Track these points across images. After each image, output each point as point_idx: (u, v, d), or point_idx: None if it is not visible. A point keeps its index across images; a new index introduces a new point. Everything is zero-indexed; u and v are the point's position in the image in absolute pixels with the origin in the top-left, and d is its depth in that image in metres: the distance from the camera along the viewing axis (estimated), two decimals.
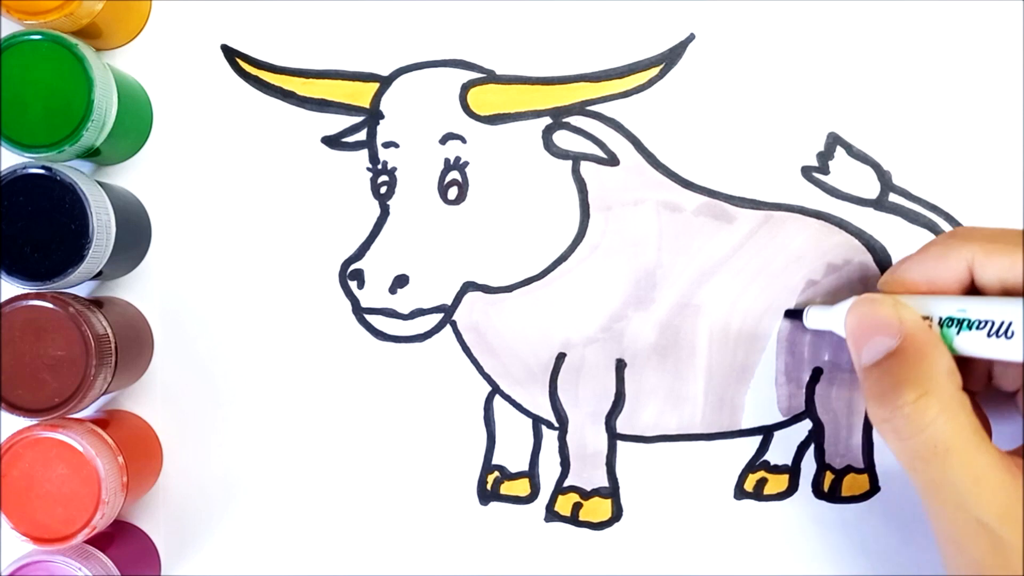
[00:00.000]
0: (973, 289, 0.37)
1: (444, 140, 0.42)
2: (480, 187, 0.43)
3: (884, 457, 0.43)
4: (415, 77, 0.43)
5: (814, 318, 0.41)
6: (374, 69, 0.43)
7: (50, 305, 0.38)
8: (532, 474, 0.44)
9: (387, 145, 0.43)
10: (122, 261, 0.42)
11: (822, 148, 0.43)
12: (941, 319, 0.36)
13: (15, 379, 0.38)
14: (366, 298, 0.43)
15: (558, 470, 0.44)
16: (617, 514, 0.44)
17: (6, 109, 0.38)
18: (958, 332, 0.35)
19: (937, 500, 0.34)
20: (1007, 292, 0.36)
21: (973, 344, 0.35)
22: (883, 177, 0.43)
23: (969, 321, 0.35)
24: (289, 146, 0.43)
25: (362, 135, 0.43)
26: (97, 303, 0.41)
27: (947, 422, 0.33)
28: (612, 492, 0.43)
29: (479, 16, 0.43)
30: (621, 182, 0.43)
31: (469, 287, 0.43)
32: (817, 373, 0.43)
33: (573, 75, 0.43)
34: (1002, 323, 0.34)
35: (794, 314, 0.42)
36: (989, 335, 0.34)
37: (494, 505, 0.44)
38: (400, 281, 0.42)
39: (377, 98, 0.43)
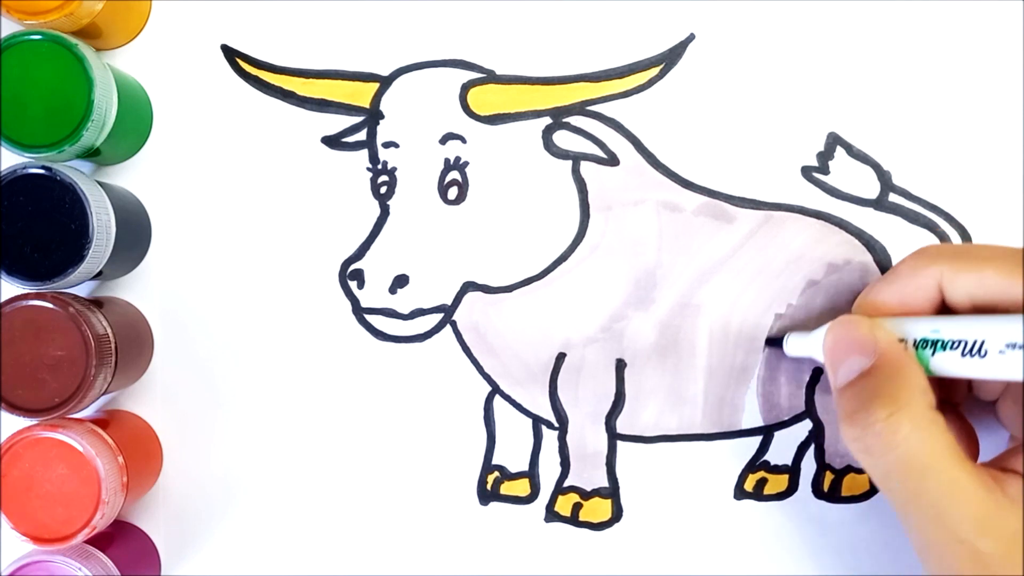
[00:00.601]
0: (946, 307, 0.37)
1: (444, 140, 0.42)
2: (480, 187, 0.43)
3: None
4: (415, 77, 0.43)
5: (794, 345, 0.41)
6: (374, 69, 0.43)
7: (50, 305, 0.38)
8: (532, 474, 0.44)
9: (387, 145, 0.43)
10: (122, 261, 0.42)
11: (822, 148, 0.43)
12: (916, 340, 0.36)
13: (15, 379, 0.38)
14: (366, 298, 0.43)
15: (558, 470, 0.44)
16: (617, 514, 0.44)
17: (6, 109, 0.38)
18: (933, 353, 0.35)
19: (915, 516, 0.34)
20: (978, 308, 0.35)
21: (949, 364, 0.35)
22: (883, 177, 0.43)
23: (943, 342, 0.35)
24: (289, 146, 0.43)
25: (362, 135, 0.43)
26: (97, 303, 0.41)
27: (921, 440, 0.33)
28: (612, 492, 0.43)
29: (479, 16, 0.43)
30: (621, 182, 0.43)
31: (469, 287, 0.43)
32: (817, 373, 0.43)
33: (573, 75, 0.43)
34: (975, 342, 0.34)
35: (775, 342, 0.42)
36: (963, 355, 0.34)
37: (494, 505, 0.44)
38: (400, 281, 0.42)
39: (377, 98, 0.43)
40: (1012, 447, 0.37)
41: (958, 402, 0.39)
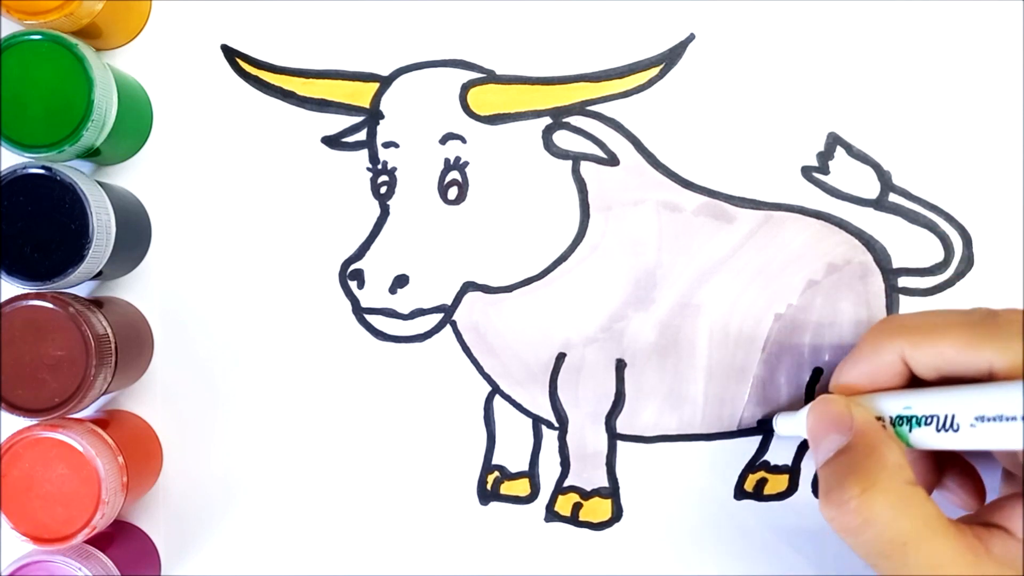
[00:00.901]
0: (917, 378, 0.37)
1: (444, 140, 0.42)
2: (480, 187, 0.43)
3: None
4: (415, 77, 0.43)
5: (783, 425, 0.41)
6: (374, 69, 0.43)
7: (50, 305, 0.38)
8: (532, 474, 0.44)
9: (387, 145, 0.43)
10: (122, 261, 0.42)
11: (822, 148, 0.43)
12: (892, 418, 0.36)
13: (15, 379, 0.38)
14: (366, 298, 0.43)
15: (558, 470, 0.44)
16: (617, 514, 0.44)
17: (6, 109, 0.38)
18: (910, 429, 0.35)
19: None
20: (944, 379, 0.35)
21: (927, 439, 0.35)
22: (883, 177, 0.43)
23: (917, 418, 0.35)
24: (289, 146, 0.43)
25: (362, 135, 0.43)
26: (97, 303, 0.41)
27: (896, 516, 0.33)
28: (612, 492, 0.43)
29: (479, 16, 0.43)
30: (621, 182, 0.43)
31: (469, 287, 0.43)
32: (817, 373, 0.43)
33: (573, 75, 0.43)
34: (946, 417, 0.34)
35: (765, 424, 0.43)
36: (937, 430, 0.34)
37: (494, 505, 0.44)
38: (400, 281, 0.42)
39: (377, 98, 0.43)
40: (999, 498, 0.37)
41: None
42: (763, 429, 0.43)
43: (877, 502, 0.34)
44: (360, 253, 0.43)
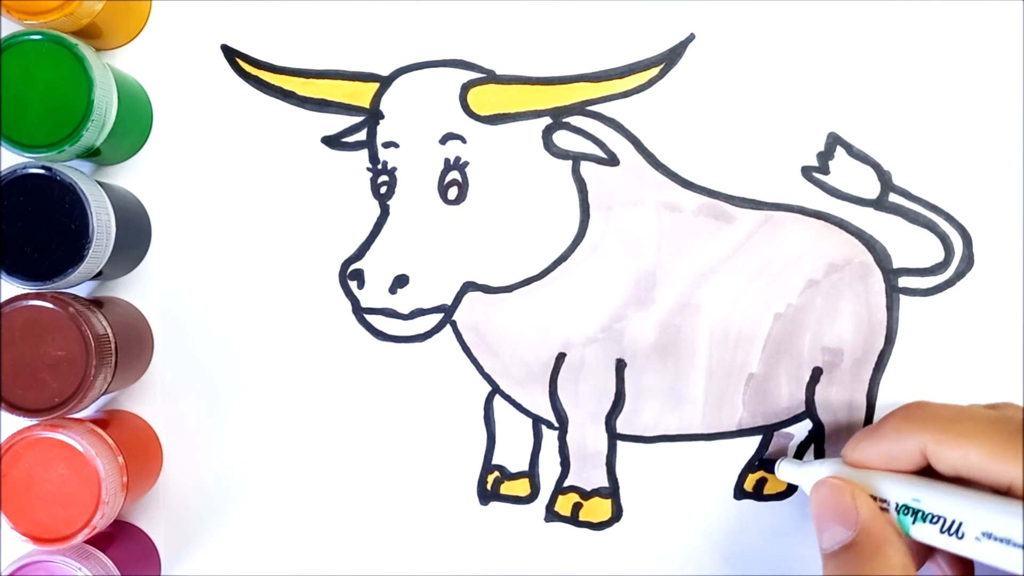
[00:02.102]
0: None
1: (444, 140, 0.42)
2: (480, 187, 0.43)
3: None
4: (415, 77, 0.43)
5: (785, 472, 0.41)
6: (374, 69, 0.43)
7: (50, 305, 0.38)
8: (532, 474, 0.44)
9: (387, 145, 0.43)
10: (122, 261, 0.42)
11: (822, 148, 0.43)
12: (898, 505, 0.36)
13: (15, 379, 0.38)
14: (366, 298, 0.43)
15: (558, 470, 0.44)
16: (617, 514, 0.44)
17: (6, 109, 0.38)
18: (914, 521, 0.35)
19: None
20: (962, 479, 0.35)
21: (928, 535, 0.35)
22: (883, 177, 0.43)
23: (924, 513, 0.35)
24: (289, 146, 0.43)
25: (362, 135, 0.43)
26: (97, 303, 0.41)
27: None
28: (612, 492, 0.43)
29: (479, 16, 0.43)
30: (621, 182, 0.43)
31: (469, 287, 0.43)
32: (817, 373, 0.43)
33: (573, 75, 0.43)
34: (953, 521, 0.34)
35: (766, 464, 0.43)
36: (942, 531, 0.34)
37: (494, 505, 0.44)
38: (400, 281, 0.42)
39: (377, 98, 0.43)
40: None
41: None
42: (763, 429, 0.43)
43: None
44: (360, 253, 0.43)
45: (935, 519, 0.34)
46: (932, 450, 0.35)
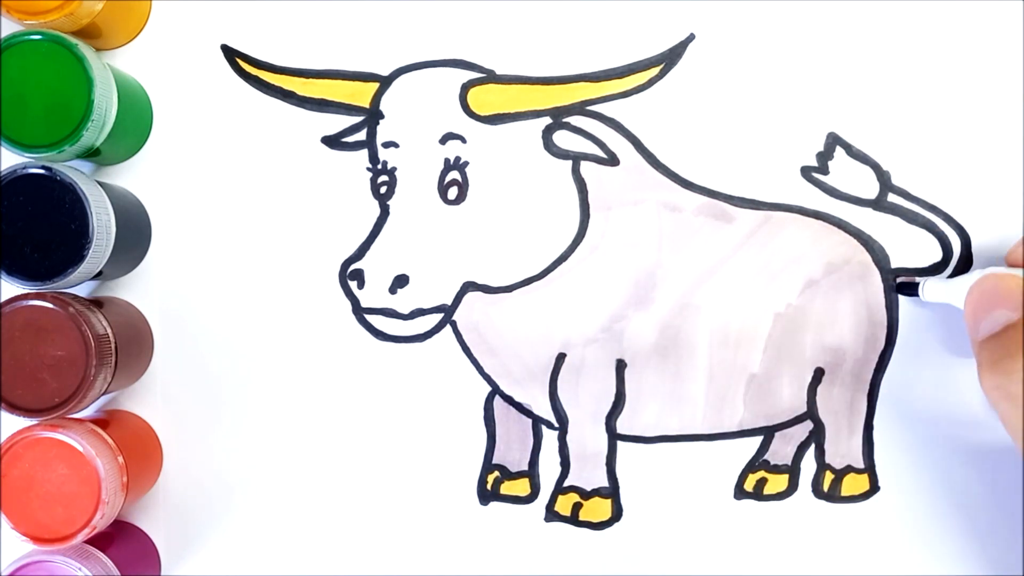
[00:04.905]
0: None
1: (444, 140, 0.42)
2: (480, 187, 0.43)
3: (884, 457, 0.43)
4: (415, 77, 0.43)
5: (931, 291, 0.41)
6: (374, 69, 0.43)
7: (50, 305, 0.38)
8: (532, 474, 0.44)
9: (387, 145, 0.43)
10: (122, 261, 0.42)
11: (822, 148, 0.43)
12: None
13: (15, 379, 0.38)
14: (366, 298, 0.43)
15: (558, 470, 0.44)
16: (617, 514, 0.44)
17: (6, 109, 0.38)
18: None
19: None
20: None
21: None
22: (882, 177, 0.43)
23: None
24: (289, 146, 0.43)
25: (362, 135, 0.43)
26: (97, 303, 0.41)
27: None
28: (612, 492, 0.44)
29: (479, 16, 0.43)
30: (621, 182, 0.43)
31: (469, 287, 0.43)
32: (819, 373, 0.43)
33: (573, 75, 0.43)
34: None
35: (906, 288, 0.42)
36: None
37: (494, 505, 0.44)
38: (400, 281, 0.42)
39: (377, 98, 0.43)
40: None
41: None
42: (764, 429, 0.43)
43: None
44: (360, 253, 0.43)
45: None
46: None
